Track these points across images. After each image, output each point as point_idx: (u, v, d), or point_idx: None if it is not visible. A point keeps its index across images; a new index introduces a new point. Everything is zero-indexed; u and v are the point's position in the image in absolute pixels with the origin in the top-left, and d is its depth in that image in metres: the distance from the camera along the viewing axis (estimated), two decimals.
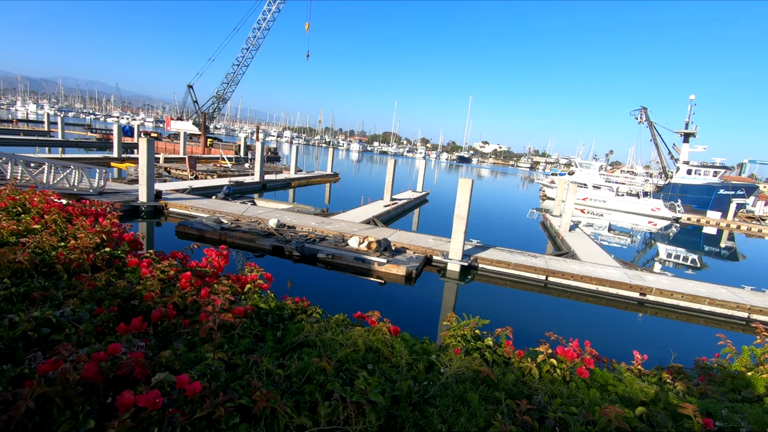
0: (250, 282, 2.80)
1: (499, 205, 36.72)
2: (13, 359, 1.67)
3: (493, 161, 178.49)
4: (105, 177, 17.83)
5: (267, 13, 45.75)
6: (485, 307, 11.59)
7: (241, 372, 1.62)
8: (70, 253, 2.69)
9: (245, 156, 41.97)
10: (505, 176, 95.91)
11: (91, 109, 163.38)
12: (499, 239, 16.99)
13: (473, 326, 2.48)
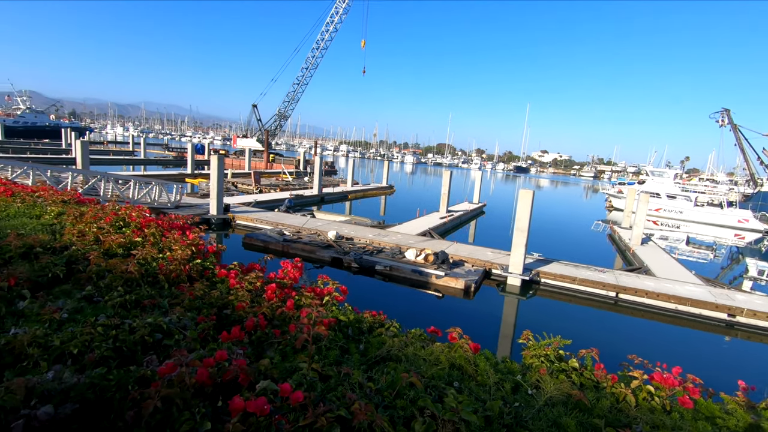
0: (327, 294, 2.90)
1: (561, 217, 35.05)
2: (134, 361, 1.86)
3: (553, 170, 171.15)
4: (180, 192, 19.37)
5: (325, 33, 47.77)
6: (549, 324, 11.05)
7: (334, 383, 1.68)
8: (169, 264, 2.95)
9: (304, 170, 43.69)
10: (566, 186, 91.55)
11: (168, 130, 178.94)
12: (562, 252, 16.18)
13: (556, 346, 2.38)
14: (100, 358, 1.80)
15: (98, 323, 1.99)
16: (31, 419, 1.52)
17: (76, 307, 2.26)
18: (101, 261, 2.85)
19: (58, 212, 4.71)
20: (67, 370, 1.71)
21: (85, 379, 1.65)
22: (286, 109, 51.22)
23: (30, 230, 3.71)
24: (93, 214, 4.28)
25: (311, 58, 48.78)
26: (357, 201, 30.73)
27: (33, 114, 68.50)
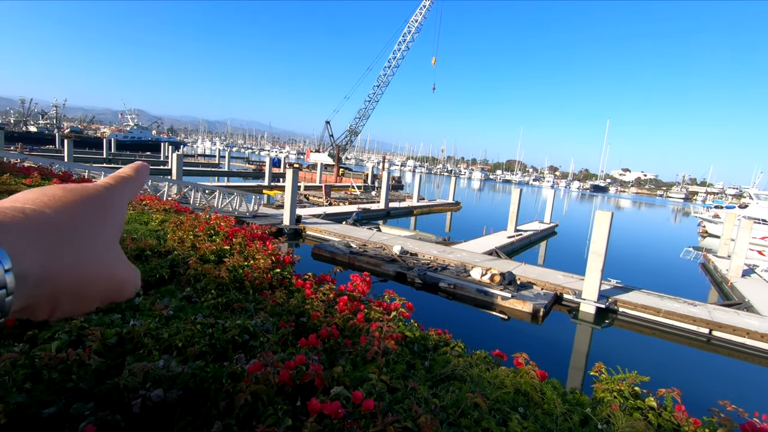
0: (394, 310, 3.02)
1: (644, 242, 32.22)
2: (226, 357, 2.11)
3: (636, 191, 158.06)
4: (258, 202, 20.84)
5: (397, 51, 49.08)
6: (625, 357, 10.18)
7: (401, 396, 1.77)
8: (253, 272, 3.26)
9: (372, 184, 44.75)
10: (651, 208, 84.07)
11: (250, 144, 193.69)
12: (644, 281, 14.88)
13: (631, 382, 2.26)
14: (199, 352, 2.07)
15: (197, 321, 2.28)
16: (146, 399, 1.80)
17: (178, 306, 2.60)
18: (198, 266, 3.23)
19: (162, 220, 5.37)
20: (173, 360, 2.00)
21: (188, 370, 1.92)
22: (357, 125, 53.12)
23: (140, 235, 4.29)
24: (190, 222, 4.83)
25: (383, 76, 50.31)
26: (422, 216, 30.80)
27: (139, 130, 77.93)
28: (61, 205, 0.37)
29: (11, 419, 1.70)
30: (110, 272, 0.39)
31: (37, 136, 65.04)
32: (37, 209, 0.35)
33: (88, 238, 0.37)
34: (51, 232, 0.34)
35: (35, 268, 0.32)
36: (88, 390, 1.87)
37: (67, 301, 0.36)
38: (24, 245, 0.32)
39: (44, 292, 0.33)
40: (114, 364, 2.02)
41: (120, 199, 0.43)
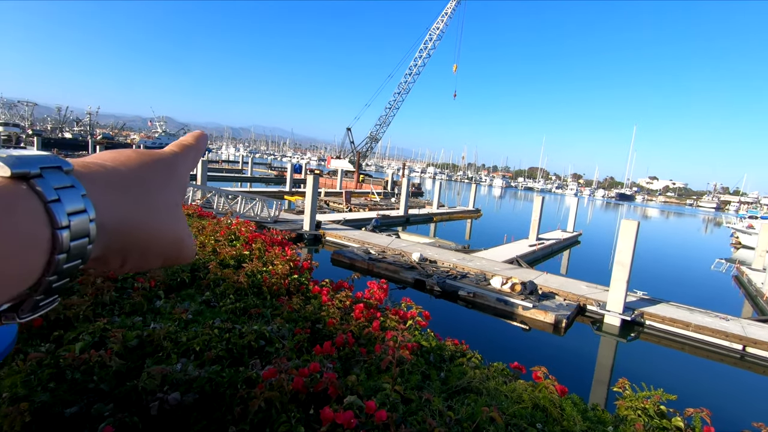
0: (411, 318, 2.99)
1: (672, 252, 31.13)
2: (242, 362, 2.13)
3: (664, 200, 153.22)
4: (279, 208, 21.13)
5: (418, 59, 49.26)
6: (651, 373, 9.81)
7: (415, 407, 1.75)
8: (271, 278, 3.29)
9: (392, 191, 44.81)
10: (680, 217, 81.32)
11: (272, 151, 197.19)
12: (672, 293, 14.35)
13: (657, 400, 2.17)
14: (216, 356, 2.09)
15: (215, 326, 2.31)
16: (163, 402, 1.83)
17: (197, 310, 2.64)
18: (218, 270, 3.29)
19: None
20: (191, 364, 2.03)
21: (205, 374, 1.94)
22: (377, 132, 53.41)
23: None
24: (211, 227, 4.92)
25: (404, 83, 50.52)
26: (442, 223, 30.61)
27: (167, 136, 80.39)
28: (136, 164, 0.39)
29: (36, 417, 1.75)
30: (174, 233, 0.41)
31: (71, 142, 67.85)
32: (117, 165, 0.37)
33: (158, 197, 0.39)
34: (127, 188, 0.36)
35: (113, 219, 0.34)
36: (108, 391, 1.92)
37: (135, 256, 0.37)
38: (105, 197, 0.33)
39: (117, 244, 0.35)
40: (134, 366, 2.06)
41: (184, 165, 0.45)
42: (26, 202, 0.28)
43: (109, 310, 2.56)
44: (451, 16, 49.24)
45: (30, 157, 0.30)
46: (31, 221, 0.28)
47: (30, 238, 0.27)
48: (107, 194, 0.34)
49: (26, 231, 0.27)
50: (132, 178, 0.37)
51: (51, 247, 0.29)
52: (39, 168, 0.29)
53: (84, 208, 0.30)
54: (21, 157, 0.29)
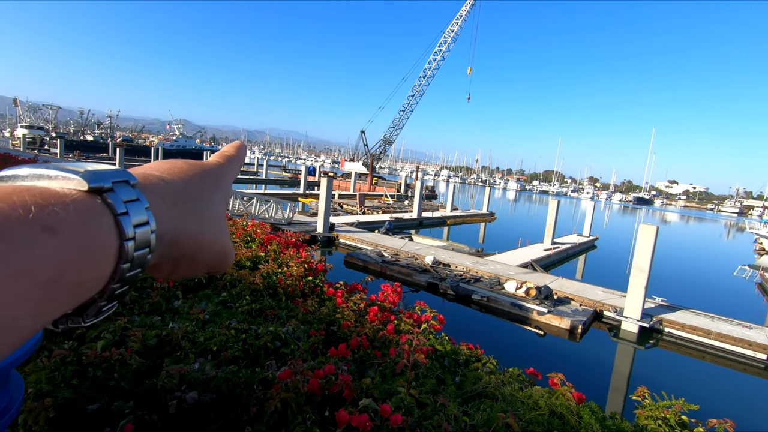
0: (425, 322, 2.98)
1: (692, 258, 30.38)
2: (258, 363, 2.15)
3: (684, 204, 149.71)
4: (293, 210, 21.29)
5: (432, 62, 49.21)
6: (671, 382, 9.56)
7: (430, 412, 1.74)
8: (286, 280, 3.32)
9: (405, 194, 44.76)
10: (701, 222, 79.34)
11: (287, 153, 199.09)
12: (692, 300, 14.00)
13: (678, 410, 2.11)
14: (232, 357, 2.12)
15: (231, 326, 2.34)
16: (181, 401, 1.86)
17: (214, 310, 2.68)
18: (234, 271, 3.33)
19: None
20: (208, 364, 2.05)
21: (222, 374, 1.97)
22: (391, 135, 53.45)
23: None
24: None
25: (418, 86, 50.49)
26: (455, 226, 30.43)
27: (184, 139, 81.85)
28: (188, 177, 0.40)
29: (59, 413, 1.80)
30: (220, 244, 0.42)
31: (93, 144, 69.60)
32: (173, 178, 0.39)
33: (208, 208, 0.41)
34: (181, 200, 0.38)
35: (170, 230, 0.35)
36: (128, 389, 1.95)
37: (184, 265, 0.39)
38: (164, 210, 0.35)
39: (171, 253, 0.37)
40: (153, 364, 2.10)
41: (228, 176, 0.47)
42: (101, 216, 0.30)
43: (129, 309, 2.62)
44: (466, 18, 49.09)
45: (103, 172, 0.32)
46: (104, 233, 0.30)
47: (103, 248, 0.29)
48: (165, 206, 0.36)
49: (101, 242, 0.29)
50: (186, 191, 0.39)
51: (118, 256, 0.30)
52: (111, 182, 0.31)
53: (147, 220, 0.32)
54: (96, 172, 0.31)
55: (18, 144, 50.67)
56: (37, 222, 0.26)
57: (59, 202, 0.27)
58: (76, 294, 0.28)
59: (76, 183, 0.29)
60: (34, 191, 0.28)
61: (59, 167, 0.30)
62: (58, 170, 0.30)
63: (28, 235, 0.25)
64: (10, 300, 0.24)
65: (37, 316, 0.26)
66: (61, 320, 0.31)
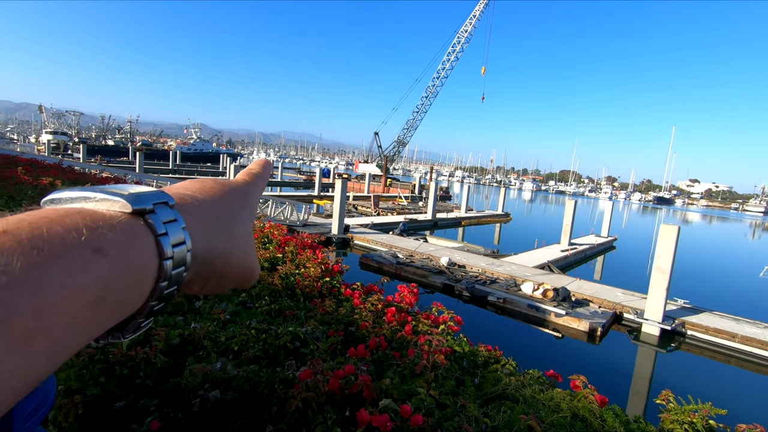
0: (443, 323, 2.97)
1: (716, 259, 29.55)
2: (278, 363, 2.18)
3: (706, 203, 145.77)
4: (308, 211, 21.45)
5: (446, 62, 49.07)
6: (695, 386, 9.31)
7: (450, 413, 1.73)
8: (304, 280, 3.35)
9: (419, 195, 44.66)
10: (724, 222, 77.15)
11: (301, 155, 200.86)
12: (716, 302, 13.62)
13: (705, 414, 2.06)
14: (253, 356, 2.15)
15: (251, 326, 2.37)
16: (204, 400, 1.89)
17: (234, 311, 2.72)
18: None
19: None
20: (230, 363, 2.09)
21: (243, 373, 1.99)
22: (405, 136, 53.47)
23: None
24: None
25: (431, 87, 50.42)
26: (470, 227, 30.22)
27: (201, 143, 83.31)
28: (218, 195, 0.42)
29: (87, 410, 1.85)
30: (248, 261, 0.43)
31: (113, 148, 71.35)
32: (205, 198, 0.40)
33: (236, 227, 0.42)
34: (213, 218, 0.39)
35: (203, 249, 0.37)
36: (153, 387, 2.00)
37: (214, 281, 0.41)
38: (198, 229, 0.36)
39: (202, 271, 0.38)
40: (176, 363, 2.14)
41: (254, 192, 0.48)
42: (143, 237, 0.31)
43: None
44: (480, 18, 48.83)
45: (145, 194, 0.33)
46: (146, 253, 0.31)
47: (144, 268, 0.31)
48: (199, 226, 0.37)
49: (143, 262, 0.31)
50: (216, 210, 0.40)
51: (157, 275, 0.32)
52: (152, 204, 0.33)
53: (184, 239, 0.34)
54: (139, 195, 0.33)
55: (43, 149, 52.28)
56: (89, 244, 0.27)
57: (107, 225, 0.29)
58: (120, 311, 0.30)
59: (121, 205, 0.31)
60: (84, 214, 0.29)
61: (105, 190, 0.32)
62: (105, 193, 0.31)
63: (81, 256, 0.26)
64: (63, 320, 0.25)
65: (84, 334, 0.27)
66: (102, 336, 0.32)
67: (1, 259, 0.23)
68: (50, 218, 0.27)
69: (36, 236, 0.25)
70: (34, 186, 6.51)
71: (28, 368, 0.24)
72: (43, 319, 0.24)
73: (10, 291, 0.22)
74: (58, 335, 0.25)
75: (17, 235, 0.25)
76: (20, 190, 5.94)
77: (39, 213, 0.28)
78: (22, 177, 7.00)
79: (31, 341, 0.23)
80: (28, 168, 8.07)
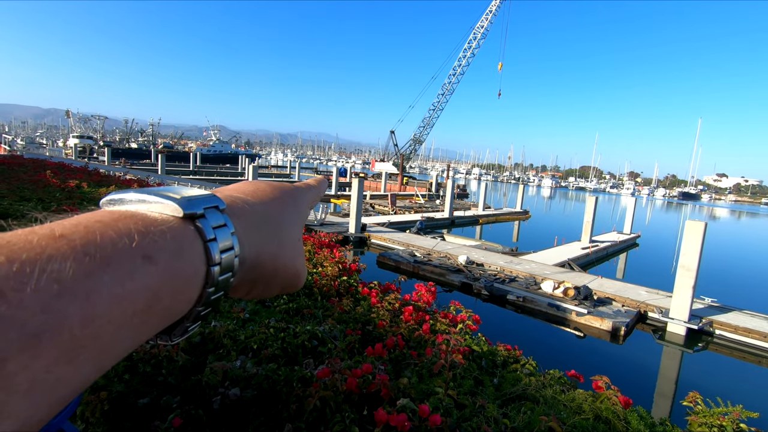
0: (461, 322, 2.94)
1: (746, 256, 28.49)
2: (296, 362, 2.19)
3: (735, 198, 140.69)
4: (326, 211, 21.59)
5: (462, 59, 48.62)
6: (724, 387, 8.98)
7: (469, 413, 1.72)
8: (322, 279, 3.37)
9: (436, 193, 44.43)
10: (754, 218, 74.35)
11: (318, 155, 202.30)
12: (746, 300, 13.12)
13: (736, 417, 1.98)
14: (272, 355, 2.17)
15: (270, 325, 2.40)
16: (225, 397, 1.92)
17: (253, 309, 2.76)
18: None
19: None
20: (249, 361, 2.11)
21: (262, 371, 2.02)
22: (421, 134, 53.24)
23: None
24: None
25: (447, 84, 50.03)
26: (488, 225, 29.89)
27: (220, 144, 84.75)
28: (270, 199, 0.42)
29: (113, 406, 1.90)
30: (295, 267, 0.43)
31: (137, 151, 73.21)
32: (256, 201, 0.40)
33: (286, 232, 0.42)
34: (263, 223, 0.39)
35: (251, 254, 0.37)
36: (175, 384, 2.04)
37: (260, 286, 0.41)
38: (247, 233, 0.36)
39: (249, 276, 0.38)
40: (197, 361, 2.18)
41: (306, 200, 0.48)
42: (192, 242, 0.31)
43: None
44: (496, 13, 48.18)
45: (196, 198, 0.33)
46: (195, 259, 0.31)
47: (192, 275, 0.31)
48: (248, 230, 0.37)
49: (191, 268, 0.31)
50: (267, 213, 0.40)
51: (204, 281, 0.32)
52: (203, 208, 0.33)
53: (232, 245, 0.34)
54: (191, 199, 0.33)
55: (71, 153, 54.05)
56: (139, 251, 0.27)
57: (158, 230, 0.29)
58: (167, 317, 0.30)
59: (173, 209, 0.31)
60: (137, 218, 0.29)
61: (160, 193, 0.32)
62: (158, 196, 0.31)
63: (131, 263, 0.26)
64: (112, 329, 0.25)
65: (133, 339, 0.27)
66: (151, 338, 0.32)
67: (55, 266, 0.23)
68: (105, 222, 0.27)
69: (90, 241, 0.25)
70: (61, 188, 6.73)
71: (76, 376, 0.23)
72: (92, 329, 0.24)
73: (61, 300, 0.22)
74: (105, 343, 0.25)
75: (72, 240, 0.24)
76: (49, 192, 6.15)
77: (95, 216, 0.28)
78: (51, 180, 7.25)
79: (79, 350, 0.23)
80: (56, 171, 8.36)
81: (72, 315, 0.22)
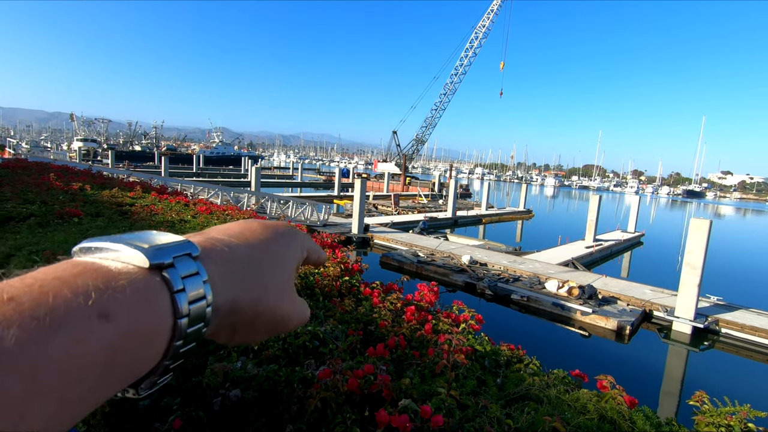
0: (463, 322, 2.92)
1: (751, 254, 28.28)
2: (297, 362, 2.18)
3: (740, 196, 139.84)
4: (328, 211, 21.61)
5: (464, 59, 48.58)
6: (730, 386, 8.92)
7: (472, 414, 1.69)
8: (323, 279, 3.35)
9: (439, 193, 44.39)
10: (760, 216, 73.84)
11: (320, 156, 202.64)
12: (752, 299, 13.02)
13: (743, 417, 1.95)
14: (272, 355, 2.15)
15: None
16: (225, 398, 1.90)
17: None
18: None
19: None
20: (250, 362, 2.10)
21: (263, 372, 2.00)
22: (423, 134, 53.23)
23: None
24: None
25: (449, 84, 50.01)
26: (491, 225, 29.84)
27: (223, 146, 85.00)
28: (258, 240, 0.41)
29: (113, 408, 1.89)
30: (281, 311, 0.42)
31: (140, 154, 73.54)
32: (240, 243, 0.39)
33: (271, 274, 0.40)
34: (245, 268, 0.38)
35: (227, 301, 0.35)
36: (175, 385, 2.03)
37: (242, 332, 0.40)
38: (224, 279, 0.35)
39: (227, 322, 0.37)
40: (198, 362, 2.17)
41: (300, 239, 0.47)
42: (156, 294, 0.30)
43: None
44: (497, 13, 48.12)
45: (166, 247, 0.32)
46: (159, 312, 0.30)
47: (156, 330, 0.30)
48: (225, 276, 0.35)
49: (154, 323, 0.29)
50: (251, 256, 0.38)
51: (171, 334, 0.31)
52: (172, 258, 0.31)
53: (204, 294, 0.32)
54: (159, 248, 0.31)
55: (75, 156, 54.37)
56: (96, 309, 0.26)
57: (118, 285, 0.28)
58: (129, 374, 0.29)
59: (140, 260, 0.30)
60: (99, 272, 0.28)
61: (128, 242, 0.31)
62: (126, 245, 0.30)
63: (86, 323, 0.25)
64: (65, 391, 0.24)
65: (90, 400, 0.26)
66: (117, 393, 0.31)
67: None
68: (63, 279, 0.26)
69: (40, 304, 0.24)
70: (65, 191, 6.75)
71: None
72: (38, 396, 0.22)
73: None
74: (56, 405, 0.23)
75: (20, 304, 0.24)
76: (52, 195, 6.16)
77: (57, 271, 0.27)
78: (54, 183, 7.27)
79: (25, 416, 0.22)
80: (59, 174, 8.39)
81: (9, 387, 0.21)
